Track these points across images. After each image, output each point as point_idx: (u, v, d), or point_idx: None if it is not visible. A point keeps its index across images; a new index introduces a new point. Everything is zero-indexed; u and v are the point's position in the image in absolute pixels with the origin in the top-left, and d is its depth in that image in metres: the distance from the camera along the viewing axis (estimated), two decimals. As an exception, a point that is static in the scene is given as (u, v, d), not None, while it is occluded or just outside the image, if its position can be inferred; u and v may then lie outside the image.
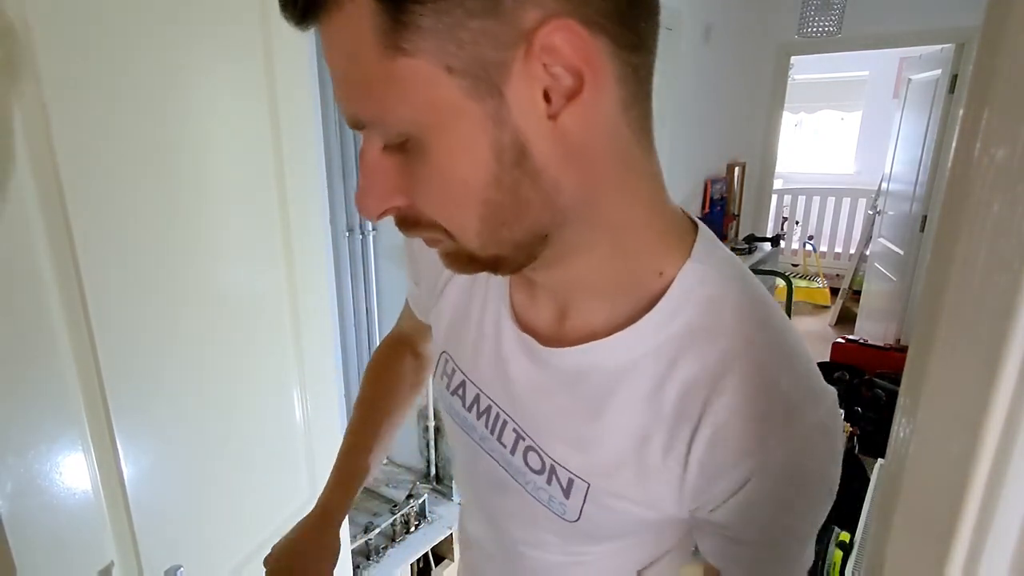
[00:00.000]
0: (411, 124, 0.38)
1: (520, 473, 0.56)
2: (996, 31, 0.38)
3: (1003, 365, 0.37)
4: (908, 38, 3.54)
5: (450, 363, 0.61)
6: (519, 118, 0.38)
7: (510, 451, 0.56)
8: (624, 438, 0.50)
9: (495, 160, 0.39)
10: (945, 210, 0.44)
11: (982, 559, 0.40)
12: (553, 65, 0.37)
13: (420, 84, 0.37)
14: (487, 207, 0.40)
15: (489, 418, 0.57)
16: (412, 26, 0.35)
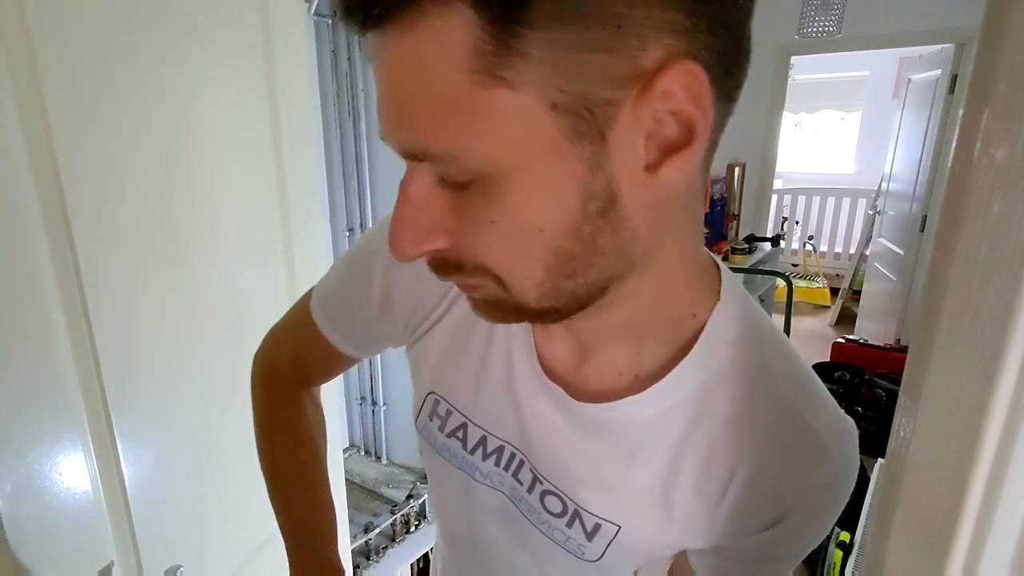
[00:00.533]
0: (492, 163, 0.33)
1: (533, 511, 0.54)
2: (996, 31, 0.38)
3: (1003, 365, 0.37)
4: (908, 38, 3.54)
5: (442, 404, 0.56)
6: (616, 165, 0.34)
7: (527, 490, 0.54)
8: (655, 481, 0.48)
9: (580, 208, 0.34)
10: (945, 210, 0.44)
11: (982, 559, 0.40)
12: (664, 111, 0.33)
13: (516, 120, 0.32)
14: (557, 257, 0.36)
15: (501, 458, 0.54)
16: (519, 53, 0.30)
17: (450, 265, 0.39)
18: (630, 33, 0.31)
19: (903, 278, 4.01)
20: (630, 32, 0.31)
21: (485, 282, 0.39)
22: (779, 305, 3.92)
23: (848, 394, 3.34)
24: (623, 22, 0.30)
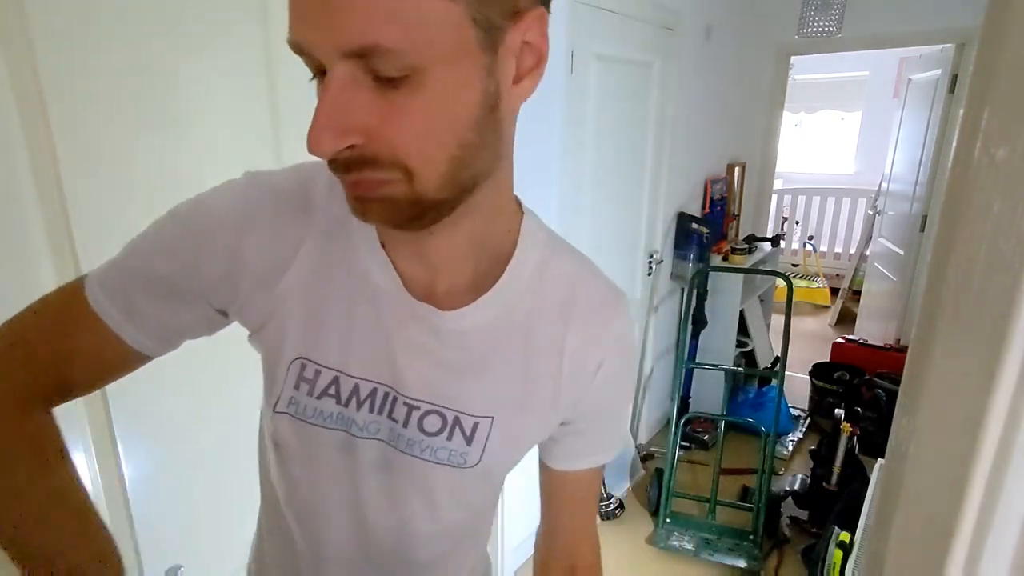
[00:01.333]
0: (428, 58, 0.40)
1: (414, 443, 0.59)
2: (996, 31, 0.38)
3: (1003, 365, 0.37)
4: (908, 38, 3.54)
5: (309, 367, 0.57)
6: (501, 75, 0.45)
7: (403, 424, 0.58)
8: (513, 370, 0.59)
9: (480, 103, 0.44)
10: (945, 210, 0.44)
11: (982, 559, 0.40)
12: (525, 40, 0.45)
13: (451, 26, 0.40)
14: (461, 147, 0.45)
15: (375, 402, 0.58)
16: None
17: (365, 161, 0.43)
18: None
19: (903, 278, 4.01)
20: None
21: (394, 176, 0.44)
22: (779, 305, 3.92)
23: (848, 394, 3.34)
24: None
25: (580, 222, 2.42)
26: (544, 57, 0.47)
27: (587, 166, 2.37)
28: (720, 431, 2.87)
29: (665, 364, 3.41)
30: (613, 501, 2.69)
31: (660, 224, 3.01)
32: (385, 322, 0.56)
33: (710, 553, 2.44)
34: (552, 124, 2.12)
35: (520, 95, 0.47)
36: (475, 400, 0.59)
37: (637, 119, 2.65)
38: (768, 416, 2.74)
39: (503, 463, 0.63)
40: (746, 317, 3.51)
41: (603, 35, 2.29)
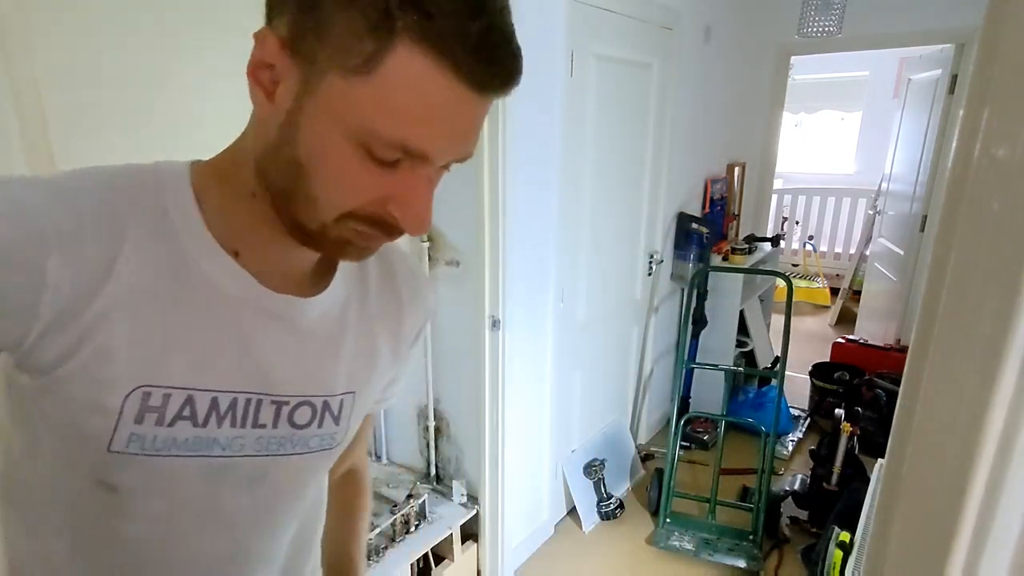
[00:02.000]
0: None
1: (285, 442, 0.58)
2: (996, 31, 0.38)
3: (1003, 365, 0.37)
4: (908, 38, 3.54)
5: (155, 393, 0.49)
6: None
7: (272, 425, 0.56)
8: (364, 343, 0.63)
9: None
10: (945, 210, 0.44)
11: (982, 559, 0.40)
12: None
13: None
14: None
15: (236, 413, 0.54)
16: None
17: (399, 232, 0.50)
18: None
19: (903, 278, 4.01)
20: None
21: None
22: (779, 305, 3.92)
23: (848, 394, 3.34)
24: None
25: (580, 222, 2.42)
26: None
27: (587, 166, 2.37)
28: (720, 431, 2.87)
29: (665, 364, 3.41)
30: (613, 501, 2.69)
31: (660, 224, 3.01)
32: (241, 326, 0.53)
33: (710, 553, 2.44)
34: (552, 124, 2.13)
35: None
36: (339, 381, 0.60)
37: (637, 119, 2.65)
38: (768, 416, 2.74)
39: (353, 431, 0.66)
40: (746, 317, 3.51)
41: (603, 35, 2.29)
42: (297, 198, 0.48)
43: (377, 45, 0.41)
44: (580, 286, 2.51)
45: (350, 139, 0.44)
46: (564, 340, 2.46)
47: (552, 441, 2.51)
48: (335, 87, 0.43)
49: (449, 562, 2.17)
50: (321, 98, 0.44)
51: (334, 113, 0.44)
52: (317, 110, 0.44)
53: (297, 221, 0.49)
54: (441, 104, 0.43)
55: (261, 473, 0.57)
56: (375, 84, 0.42)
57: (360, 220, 0.48)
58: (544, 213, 2.19)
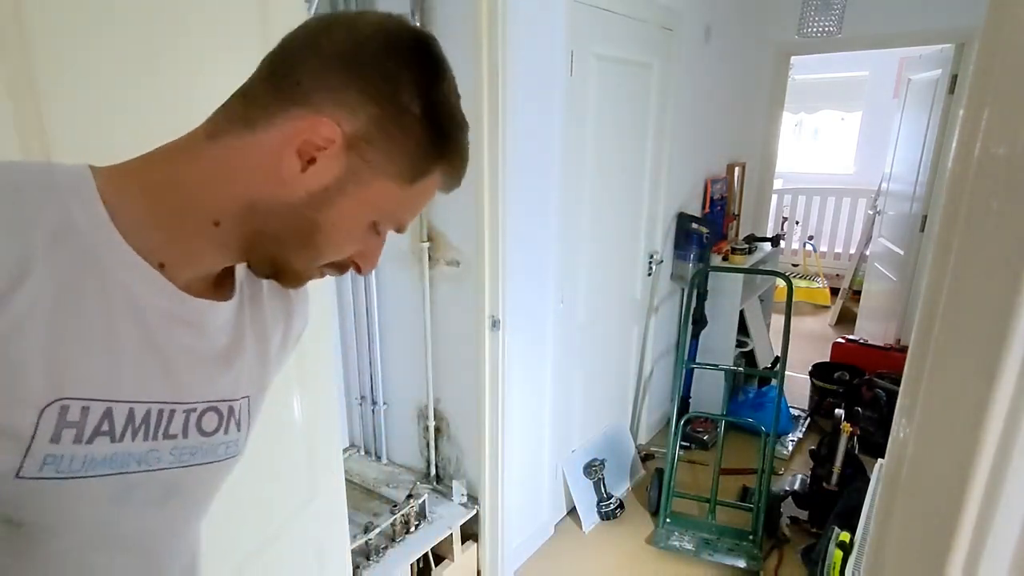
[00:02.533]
0: None
1: (197, 452, 0.58)
2: (996, 31, 0.38)
3: (1003, 365, 0.37)
4: (908, 38, 3.54)
5: (73, 407, 0.47)
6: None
7: (182, 435, 0.56)
8: (259, 346, 0.64)
9: None
10: (945, 210, 0.44)
11: (982, 559, 0.40)
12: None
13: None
14: None
15: (149, 426, 0.53)
16: None
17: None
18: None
19: (903, 278, 4.01)
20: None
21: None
22: (779, 305, 3.91)
23: (848, 394, 3.34)
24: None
25: (580, 222, 2.42)
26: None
27: (587, 166, 2.37)
28: (720, 431, 2.87)
29: (665, 364, 3.41)
30: (613, 501, 2.69)
31: (660, 224, 3.01)
32: (157, 335, 0.53)
33: (710, 553, 2.44)
34: (552, 124, 2.12)
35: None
36: (239, 385, 0.62)
37: (637, 119, 2.65)
38: (768, 416, 2.74)
39: (249, 440, 0.67)
40: (746, 317, 3.51)
41: (603, 35, 2.29)
42: (297, 247, 0.55)
43: (427, 168, 0.55)
44: (580, 286, 2.51)
45: (370, 219, 0.56)
46: (564, 340, 2.46)
47: (552, 441, 2.51)
48: (384, 187, 0.54)
49: (449, 562, 2.17)
50: (366, 189, 0.54)
51: (372, 203, 0.55)
52: (358, 195, 0.53)
53: (281, 259, 0.56)
54: (429, 200, 0.59)
55: (175, 486, 0.57)
56: (414, 191, 0.56)
57: (334, 266, 0.59)
58: (544, 213, 2.19)
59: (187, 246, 0.53)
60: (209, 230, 0.53)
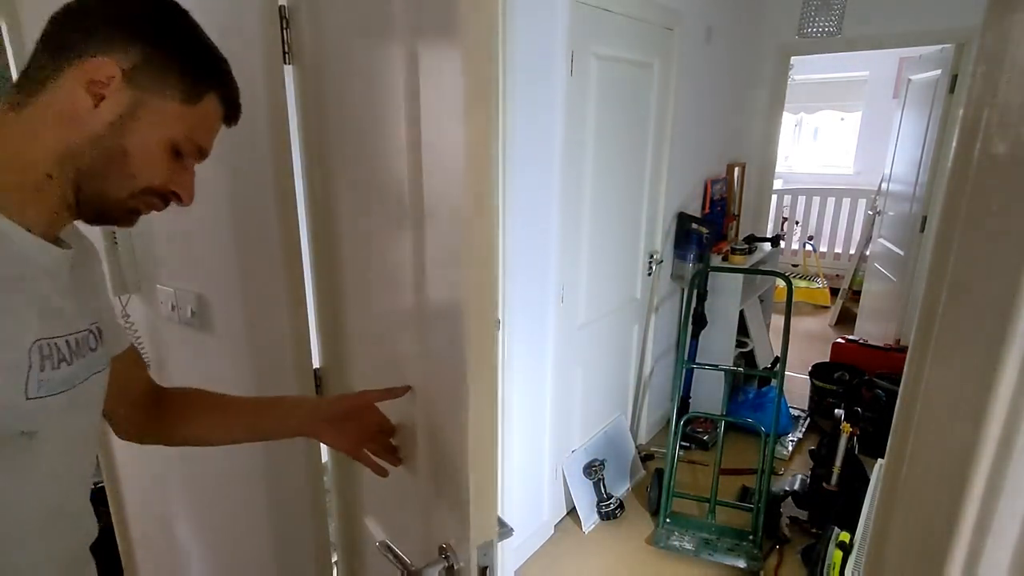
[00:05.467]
0: None
1: (91, 365, 0.71)
2: (996, 31, 0.38)
3: (1003, 365, 0.37)
4: (908, 38, 3.54)
5: (44, 344, 0.63)
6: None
7: (83, 355, 0.70)
8: (92, 279, 0.78)
9: None
10: (945, 210, 0.44)
11: (982, 559, 0.40)
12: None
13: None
14: None
15: (71, 351, 0.67)
16: None
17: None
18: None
19: (903, 278, 4.01)
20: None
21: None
22: (779, 305, 3.92)
23: (848, 394, 3.34)
24: None
25: (580, 222, 2.42)
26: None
27: (587, 166, 2.38)
28: (720, 431, 2.87)
29: (665, 364, 3.41)
30: (613, 501, 2.69)
31: (660, 224, 3.01)
32: (55, 282, 0.67)
33: (710, 553, 2.44)
34: (552, 124, 2.12)
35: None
36: (90, 313, 0.74)
37: (637, 119, 2.65)
38: (768, 416, 2.74)
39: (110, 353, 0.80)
40: (746, 317, 3.51)
41: (603, 35, 2.29)
42: (115, 176, 0.66)
43: (201, 90, 0.69)
44: (580, 286, 2.51)
45: (169, 139, 0.68)
46: (564, 340, 2.46)
47: (552, 441, 2.51)
48: (169, 107, 0.67)
49: (449, 562, 2.16)
50: (155, 111, 0.66)
51: (164, 123, 0.67)
52: (150, 118, 0.66)
53: (101, 193, 0.66)
54: (217, 125, 0.74)
55: (90, 391, 0.72)
56: (197, 112, 0.69)
57: (153, 194, 0.69)
58: (544, 213, 2.19)
59: (39, 206, 0.64)
60: (46, 184, 0.64)
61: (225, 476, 1.49)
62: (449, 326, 0.73)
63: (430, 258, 0.78)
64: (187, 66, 0.68)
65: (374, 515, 1.15)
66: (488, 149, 0.65)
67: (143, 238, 1.47)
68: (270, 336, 1.27)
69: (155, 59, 0.65)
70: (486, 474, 0.75)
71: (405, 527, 0.99)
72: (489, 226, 0.68)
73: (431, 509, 0.89)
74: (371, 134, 0.93)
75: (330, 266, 1.13)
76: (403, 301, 0.88)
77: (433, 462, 0.86)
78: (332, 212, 1.08)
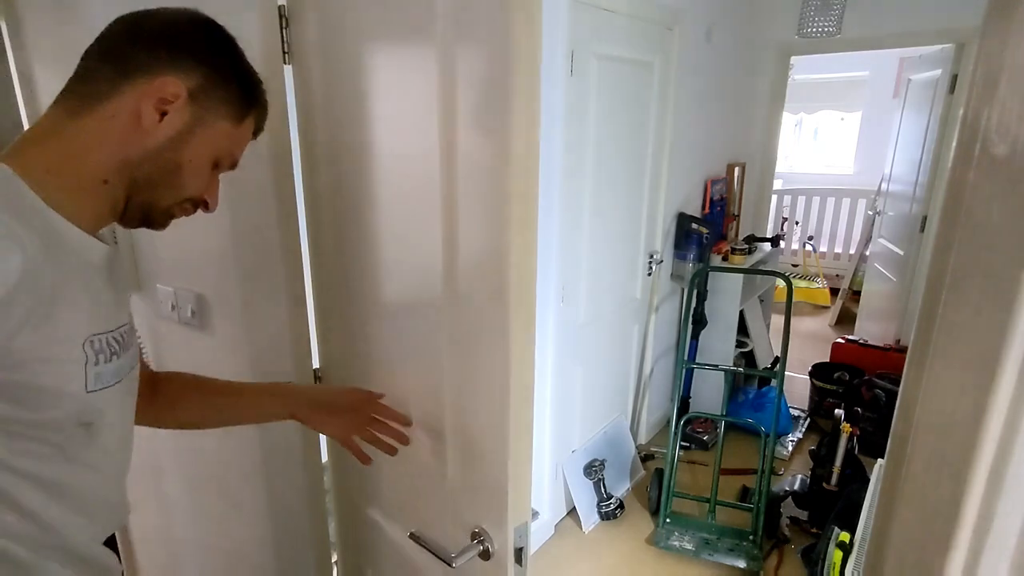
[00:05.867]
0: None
1: (131, 358, 0.76)
2: (996, 31, 0.38)
3: (1002, 365, 0.37)
4: (908, 38, 3.54)
5: (96, 339, 0.67)
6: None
7: (126, 348, 0.74)
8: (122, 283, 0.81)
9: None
10: (945, 210, 0.44)
11: (982, 559, 0.40)
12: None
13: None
14: None
15: (118, 345, 0.71)
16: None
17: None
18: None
19: (903, 278, 4.01)
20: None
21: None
22: (779, 305, 3.91)
23: (848, 394, 3.34)
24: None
25: (580, 222, 2.42)
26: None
27: (587, 166, 2.38)
28: (720, 431, 2.87)
29: (665, 364, 3.41)
30: (613, 501, 2.69)
31: (660, 224, 3.01)
32: (104, 280, 0.71)
33: (710, 553, 2.44)
34: (552, 124, 2.12)
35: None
36: (125, 313, 0.78)
37: (637, 119, 2.65)
38: (768, 416, 2.74)
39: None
40: (746, 317, 3.52)
41: (603, 35, 2.29)
42: (166, 186, 0.71)
43: (246, 111, 0.76)
44: (580, 286, 2.51)
45: (215, 155, 0.74)
46: (564, 340, 2.46)
47: (552, 441, 2.51)
48: (222, 127, 0.73)
49: (449, 562, 2.16)
50: (209, 129, 0.72)
51: (214, 141, 0.73)
52: (204, 135, 0.71)
53: (152, 201, 0.72)
54: (248, 141, 0.80)
55: (132, 381, 0.78)
56: (241, 130, 0.76)
57: (192, 202, 0.76)
58: (544, 212, 2.19)
59: (91, 208, 0.69)
60: (101, 189, 0.68)
61: (225, 476, 1.49)
62: (488, 317, 0.76)
63: (462, 250, 0.80)
64: (238, 90, 0.74)
65: (390, 510, 1.15)
66: (535, 149, 0.68)
67: (143, 238, 1.47)
68: (270, 336, 1.27)
69: (213, 82, 0.71)
70: (523, 457, 0.78)
71: (430, 516, 1.01)
72: (531, 212, 0.70)
73: (460, 497, 0.91)
74: (372, 134, 0.93)
75: (330, 266, 1.13)
76: (428, 294, 0.89)
77: (462, 451, 0.88)
78: (332, 212, 1.08)
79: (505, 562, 0.81)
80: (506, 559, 0.81)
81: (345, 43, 0.94)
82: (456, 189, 0.79)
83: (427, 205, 0.84)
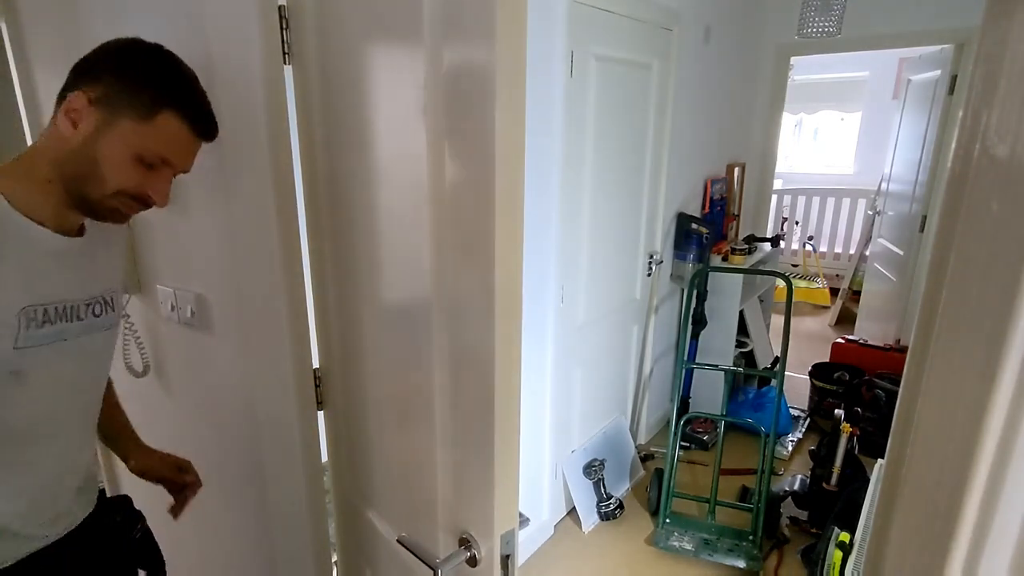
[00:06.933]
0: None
1: (91, 325, 0.93)
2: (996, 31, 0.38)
3: (1003, 365, 0.37)
4: (908, 38, 3.54)
5: (31, 309, 0.84)
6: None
7: (82, 317, 0.91)
8: (107, 258, 1.00)
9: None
10: (945, 210, 0.44)
11: (982, 559, 0.40)
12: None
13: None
14: None
15: (60, 314, 0.88)
16: None
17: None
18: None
19: (903, 278, 4.01)
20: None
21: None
22: (779, 305, 3.92)
23: (848, 394, 3.34)
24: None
25: (580, 222, 2.42)
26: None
27: (587, 166, 2.38)
28: (720, 431, 2.87)
29: (665, 364, 3.41)
30: (613, 501, 2.69)
31: (660, 224, 3.01)
32: (56, 263, 0.87)
33: (710, 553, 2.44)
34: (552, 125, 2.12)
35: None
36: (102, 284, 0.97)
37: (637, 119, 2.65)
38: (768, 416, 2.74)
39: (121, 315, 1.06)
40: (746, 317, 3.51)
41: (603, 36, 2.29)
42: (89, 179, 0.84)
43: (155, 109, 0.85)
44: (580, 286, 2.51)
45: (131, 151, 0.85)
46: (564, 340, 2.46)
47: (552, 441, 2.51)
48: (126, 125, 0.84)
49: (449, 562, 2.16)
50: (115, 128, 0.84)
51: (124, 137, 0.84)
52: (112, 133, 0.83)
53: (84, 193, 0.85)
54: (183, 140, 0.89)
55: (95, 346, 0.96)
56: (154, 127, 0.85)
57: (127, 196, 0.87)
58: (544, 213, 2.19)
59: (50, 205, 0.85)
60: (48, 187, 0.85)
61: (225, 477, 1.49)
62: (474, 322, 0.75)
63: (451, 249, 0.79)
64: (139, 91, 0.84)
65: (384, 512, 1.15)
66: (520, 150, 0.67)
67: (143, 238, 1.47)
68: (270, 336, 1.27)
69: (117, 90, 0.83)
70: (509, 463, 0.77)
71: (420, 522, 1.00)
72: (516, 219, 0.69)
73: (449, 502, 0.90)
74: (372, 134, 0.93)
75: (330, 266, 1.13)
76: (416, 297, 0.88)
77: (452, 454, 0.87)
78: (332, 212, 1.08)
79: (491, 570, 0.80)
80: (492, 567, 0.80)
81: (345, 43, 0.94)
82: (444, 189, 0.78)
83: (422, 205, 0.84)
